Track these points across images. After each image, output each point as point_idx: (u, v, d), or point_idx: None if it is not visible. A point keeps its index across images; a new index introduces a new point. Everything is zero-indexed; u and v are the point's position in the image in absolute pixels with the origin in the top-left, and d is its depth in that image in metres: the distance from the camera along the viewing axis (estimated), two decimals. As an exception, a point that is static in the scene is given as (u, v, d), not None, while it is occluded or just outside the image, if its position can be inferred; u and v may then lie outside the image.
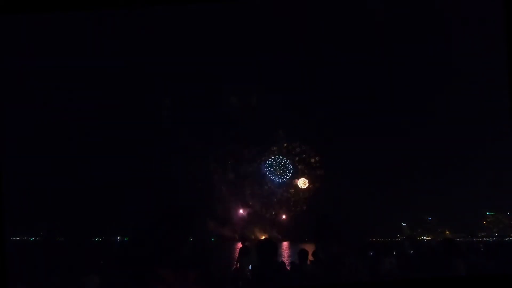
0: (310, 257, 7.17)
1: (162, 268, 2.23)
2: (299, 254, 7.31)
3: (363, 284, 3.02)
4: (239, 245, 14.79)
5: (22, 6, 1.60)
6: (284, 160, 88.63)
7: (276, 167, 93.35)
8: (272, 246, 3.95)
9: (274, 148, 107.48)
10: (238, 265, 13.14)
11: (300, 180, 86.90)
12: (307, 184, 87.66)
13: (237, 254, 14.09)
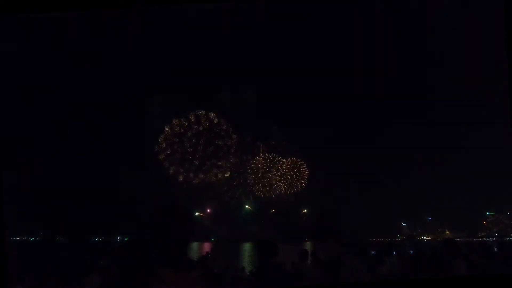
0: (310, 257, 7.16)
1: (162, 268, 2.23)
2: (299, 254, 7.31)
3: (363, 284, 3.03)
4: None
5: (22, 6, 1.60)
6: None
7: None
8: (271, 246, 3.95)
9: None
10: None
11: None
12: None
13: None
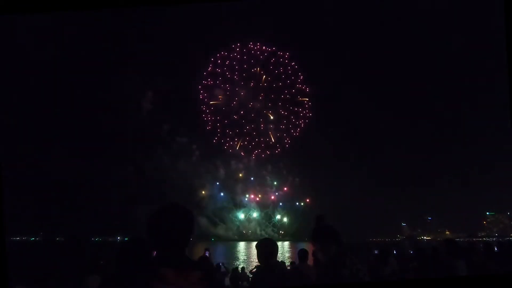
0: (310, 257, 7.15)
1: (163, 268, 2.22)
2: (299, 254, 7.29)
3: (363, 284, 3.02)
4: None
5: (22, 6, 1.60)
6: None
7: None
8: (272, 246, 3.94)
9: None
10: None
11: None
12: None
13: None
